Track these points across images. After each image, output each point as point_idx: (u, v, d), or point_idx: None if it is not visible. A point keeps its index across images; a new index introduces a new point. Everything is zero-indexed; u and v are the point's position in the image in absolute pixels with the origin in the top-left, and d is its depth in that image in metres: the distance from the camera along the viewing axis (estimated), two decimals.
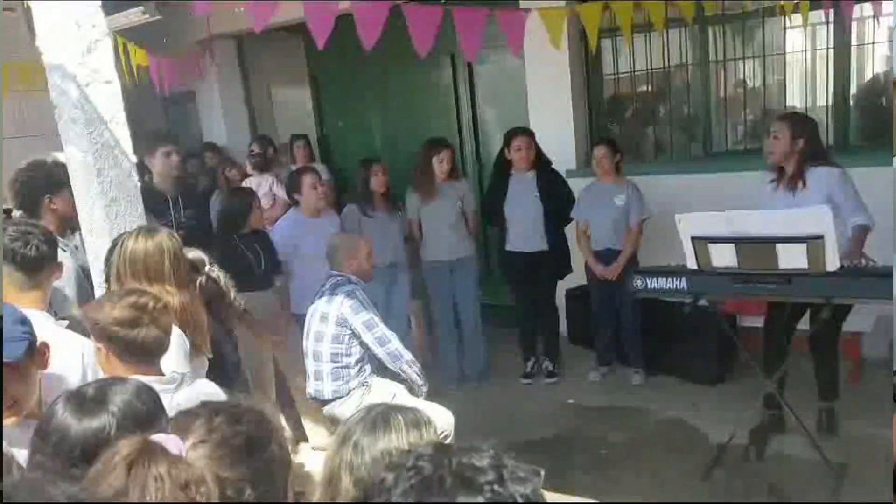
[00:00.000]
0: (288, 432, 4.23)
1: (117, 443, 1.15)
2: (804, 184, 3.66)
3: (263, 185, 5.97)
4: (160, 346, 2.04)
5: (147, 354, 2.01)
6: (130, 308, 1.98)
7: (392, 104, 6.66)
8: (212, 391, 2.09)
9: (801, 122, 3.79)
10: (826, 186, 3.59)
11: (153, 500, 1.01)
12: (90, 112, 2.65)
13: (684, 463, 3.76)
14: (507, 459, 0.93)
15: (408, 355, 3.63)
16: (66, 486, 1.00)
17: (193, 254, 2.82)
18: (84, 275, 2.91)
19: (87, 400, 1.41)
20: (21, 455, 1.41)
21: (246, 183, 6.05)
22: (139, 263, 2.39)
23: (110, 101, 2.71)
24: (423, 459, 0.92)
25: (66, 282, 2.74)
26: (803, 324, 3.83)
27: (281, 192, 5.69)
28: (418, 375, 3.63)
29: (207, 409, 1.24)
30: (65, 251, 2.85)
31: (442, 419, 3.45)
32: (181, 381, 2.06)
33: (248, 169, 6.31)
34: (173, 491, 1.04)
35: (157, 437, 1.14)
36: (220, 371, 2.71)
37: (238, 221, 4.18)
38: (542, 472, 0.95)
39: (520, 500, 0.88)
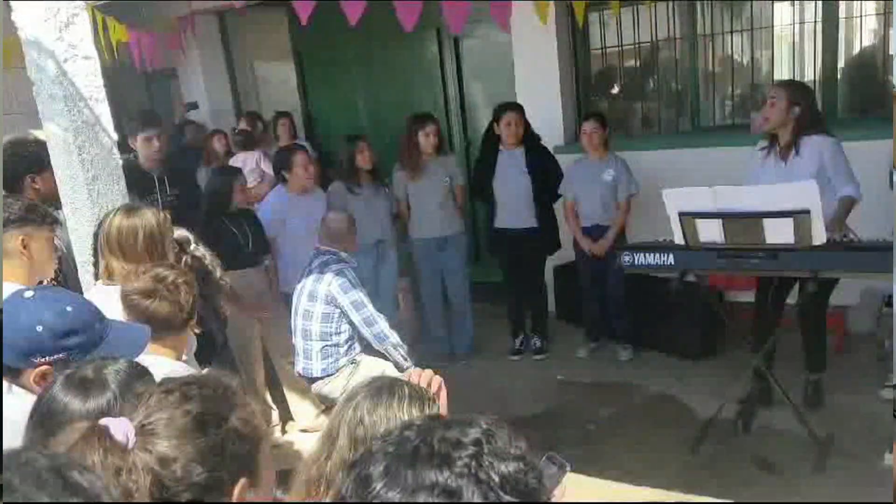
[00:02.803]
0: (274, 411, 4.23)
1: (69, 427, 1.16)
2: (797, 152, 3.65)
3: (250, 162, 5.91)
4: (169, 321, 2.12)
5: (158, 328, 2.05)
6: (151, 280, 2.13)
7: (377, 79, 6.59)
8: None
9: (798, 90, 3.77)
10: (818, 156, 3.58)
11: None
12: (69, 88, 2.60)
13: (672, 437, 3.79)
14: (499, 435, 0.92)
15: (394, 337, 3.64)
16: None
17: (178, 233, 2.80)
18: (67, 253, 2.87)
19: (87, 381, 1.42)
20: None
21: (232, 160, 6.00)
22: (114, 241, 2.46)
23: (89, 78, 2.67)
24: (410, 429, 0.93)
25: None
26: (791, 298, 3.85)
27: (268, 169, 5.63)
28: (403, 358, 3.64)
29: (162, 388, 1.22)
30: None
31: None
32: None
33: (232, 146, 6.25)
34: (105, 478, 1.05)
35: (105, 421, 1.14)
36: (207, 349, 2.70)
37: (222, 201, 4.13)
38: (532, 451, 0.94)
39: (495, 477, 0.87)
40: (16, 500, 0.70)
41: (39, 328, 1.59)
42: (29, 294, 1.68)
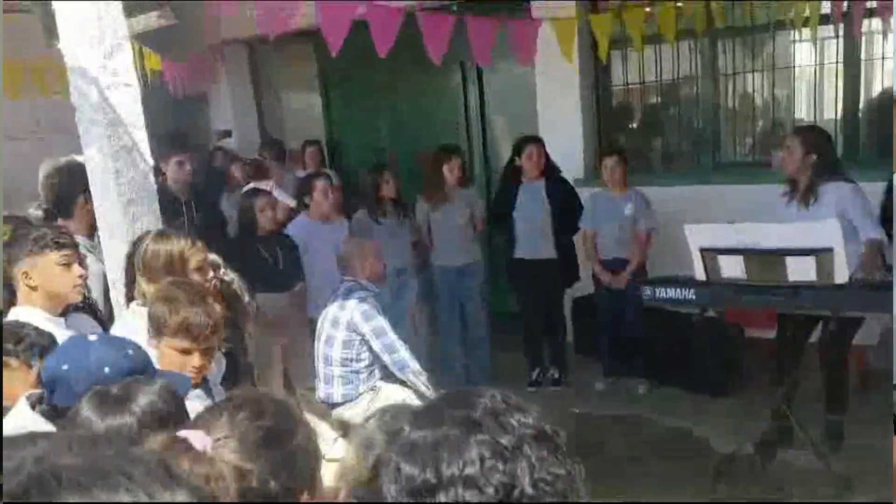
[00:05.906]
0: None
1: (145, 440, 1.19)
2: (816, 198, 3.66)
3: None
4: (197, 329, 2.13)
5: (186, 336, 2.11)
6: (170, 287, 2.20)
7: (401, 110, 6.70)
8: None
9: (813, 137, 3.79)
10: (838, 202, 3.59)
11: None
12: (110, 114, 2.69)
13: (687, 472, 3.77)
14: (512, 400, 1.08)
15: (415, 365, 3.66)
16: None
17: (211, 257, 2.85)
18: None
19: (110, 399, 1.45)
20: None
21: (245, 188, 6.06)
22: (142, 265, 2.54)
23: (130, 104, 2.75)
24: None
25: (93, 284, 2.78)
26: (814, 337, 3.84)
27: (283, 197, 5.70)
28: (425, 386, 3.66)
29: (231, 404, 1.28)
30: (92, 252, 2.89)
31: None
32: None
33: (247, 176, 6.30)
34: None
35: (183, 433, 1.18)
36: (232, 374, 2.75)
37: (250, 223, 4.22)
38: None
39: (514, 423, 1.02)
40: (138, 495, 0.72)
41: (106, 369, 1.66)
42: (93, 338, 1.80)
